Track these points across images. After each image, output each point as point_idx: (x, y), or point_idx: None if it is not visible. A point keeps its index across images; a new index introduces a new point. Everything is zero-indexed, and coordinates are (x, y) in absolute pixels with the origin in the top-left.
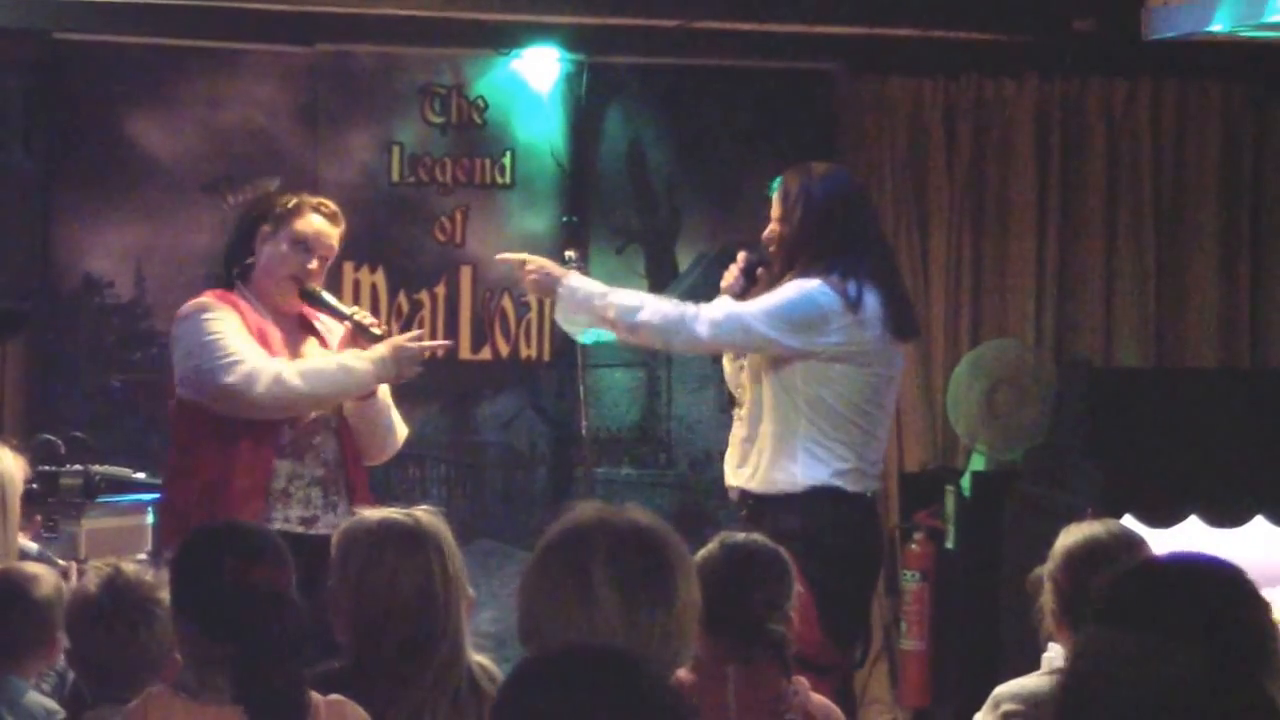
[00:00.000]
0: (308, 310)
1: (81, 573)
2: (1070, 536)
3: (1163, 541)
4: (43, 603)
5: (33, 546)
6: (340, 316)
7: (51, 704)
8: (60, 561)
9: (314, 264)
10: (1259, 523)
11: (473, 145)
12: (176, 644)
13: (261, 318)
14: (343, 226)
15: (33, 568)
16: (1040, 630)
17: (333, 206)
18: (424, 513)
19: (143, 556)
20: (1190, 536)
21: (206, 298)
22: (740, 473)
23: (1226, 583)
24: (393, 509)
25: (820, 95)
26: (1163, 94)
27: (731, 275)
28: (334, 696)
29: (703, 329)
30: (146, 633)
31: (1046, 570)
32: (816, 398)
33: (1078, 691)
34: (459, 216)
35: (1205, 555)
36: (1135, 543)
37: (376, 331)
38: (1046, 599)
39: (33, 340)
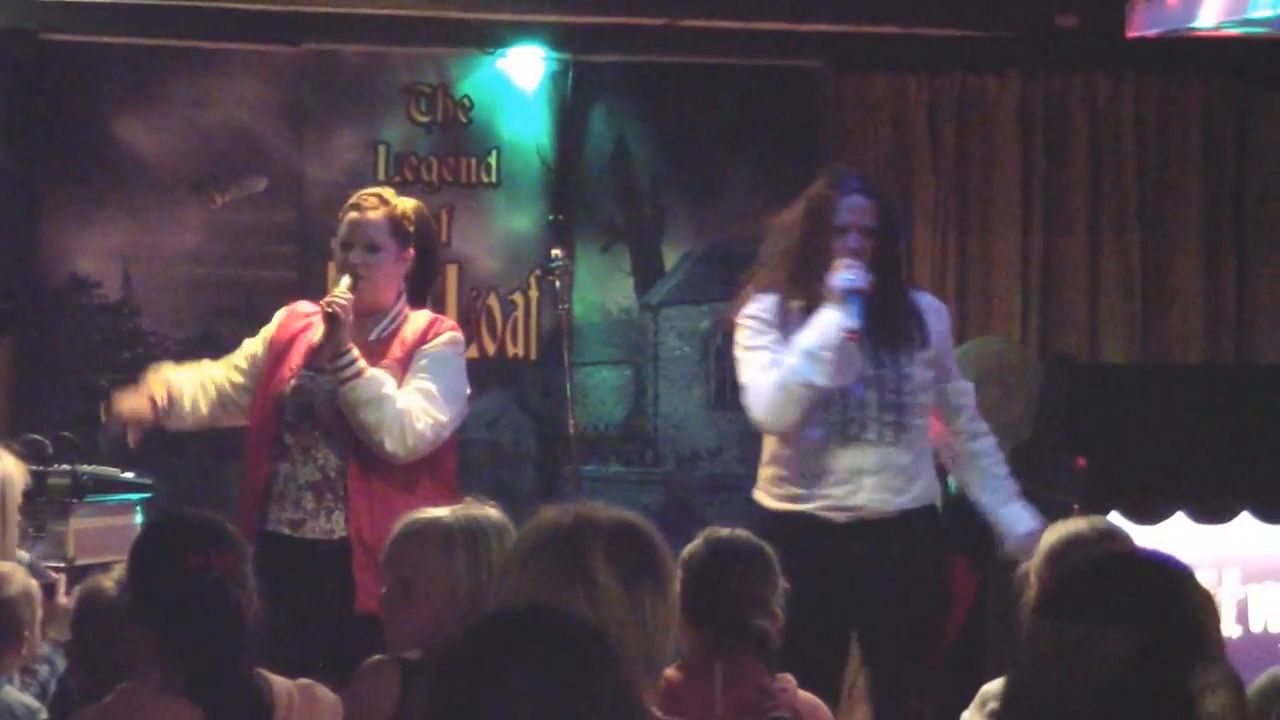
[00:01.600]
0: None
1: (73, 580)
2: (1054, 533)
3: (1149, 538)
4: (10, 602)
5: (24, 555)
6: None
7: (32, 701)
8: (53, 575)
9: (355, 255)
10: (1245, 519)
11: (458, 144)
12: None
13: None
14: (384, 209)
15: (1, 567)
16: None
17: (363, 194)
18: (494, 510)
19: None
20: (1177, 533)
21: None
22: (900, 499)
23: (1159, 576)
24: (456, 506)
25: (805, 93)
26: (1146, 90)
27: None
28: (304, 680)
29: None
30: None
31: (1031, 566)
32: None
33: (1016, 686)
34: (445, 215)
35: (1152, 551)
36: (1118, 538)
37: (328, 311)
38: (1030, 595)
39: (19, 340)
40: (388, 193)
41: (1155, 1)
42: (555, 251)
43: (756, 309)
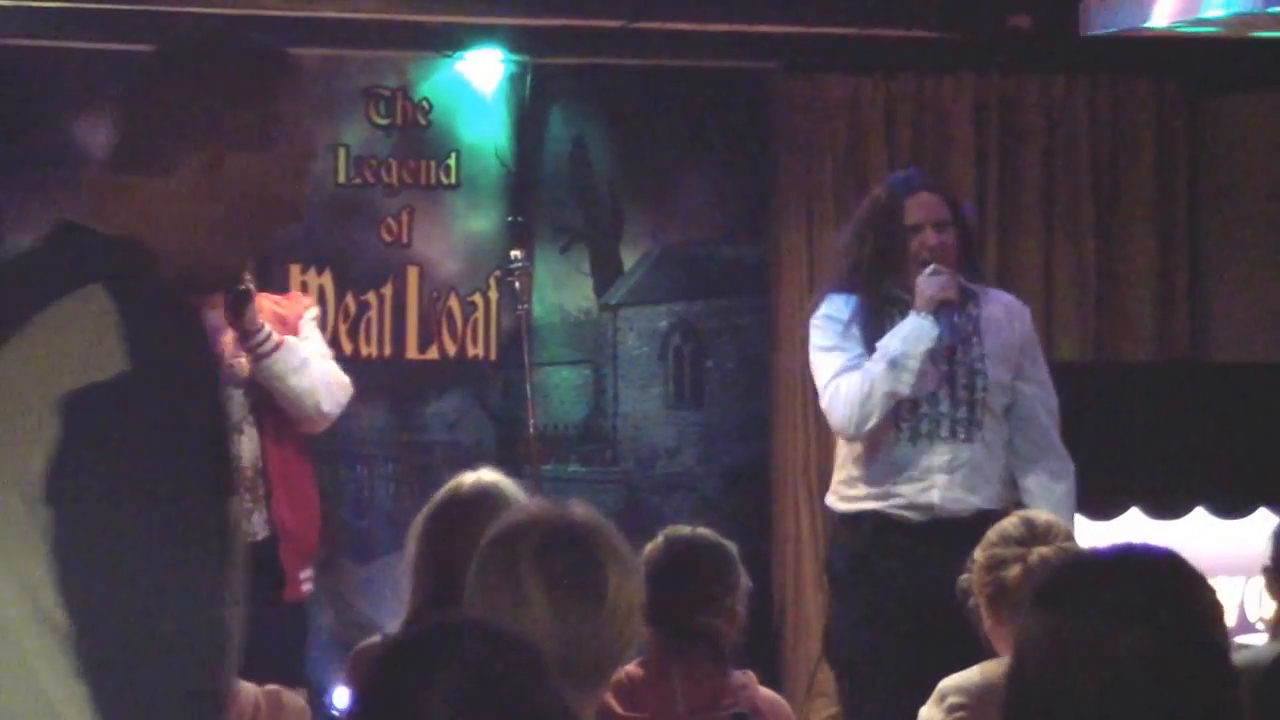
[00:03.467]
0: None
1: None
2: (987, 537)
3: (1104, 534)
4: None
5: None
6: None
7: None
8: None
9: None
10: (1199, 514)
11: (418, 147)
12: None
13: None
14: None
15: None
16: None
17: None
18: (492, 480)
19: None
20: (1131, 529)
21: None
22: (973, 498)
23: (1166, 565)
24: (486, 472)
25: (761, 95)
26: (1100, 90)
27: (946, 275)
28: (271, 686)
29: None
30: None
31: (975, 565)
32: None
33: (1021, 679)
34: (405, 217)
35: (1143, 544)
36: (1048, 528)
37: (240, 291)
38: (975, 601)
39: None
40: None
41: (1108, 1)
42: (514, 253)
43: (831, 309)
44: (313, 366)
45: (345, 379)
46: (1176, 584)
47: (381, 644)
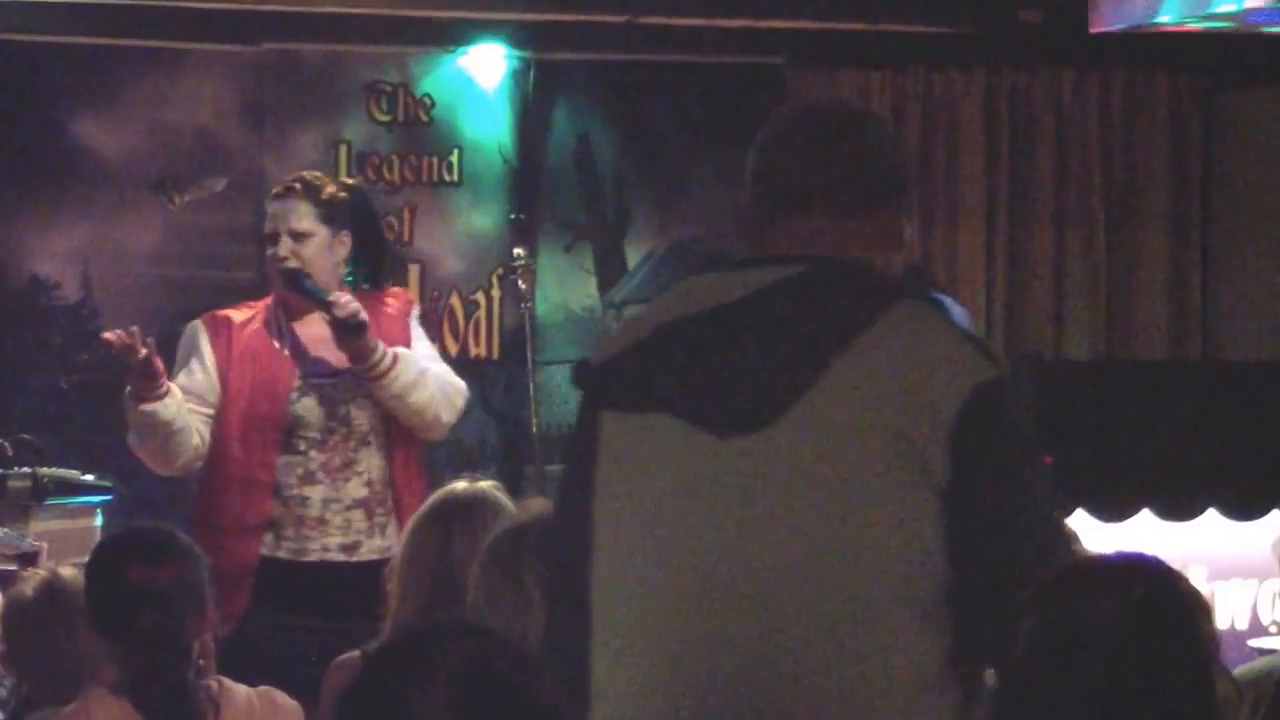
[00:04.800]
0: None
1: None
2: None
3: (1115, 535)
4: None
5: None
6: (320, 303)
7: None
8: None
9: (282, 247)
10: (1211, 515)
11: (420, 143)
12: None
13: (267, 329)
14: (308, 191)
15: None
16: None
17: (287, 181)
18: (487, 486)
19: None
20: (1143, 530)
21: (196, 321)
22: None
23: (1150, 563)
24: (463, 479)
25: (768, 90)
26: (1110, 84)
27: None
28: (263, 688)
29: None
30: (87, 635)
31: None
32: None
33: (1011, 682)
34: (407, 214)
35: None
36: None
37: (353, 323)
38: None
39: None
40: (311, 175)
41: None
42: (517, 250)
43: None
44: (431, 376)
45: (460, 383)
46: (1159, 578)
47: (374, 647)
